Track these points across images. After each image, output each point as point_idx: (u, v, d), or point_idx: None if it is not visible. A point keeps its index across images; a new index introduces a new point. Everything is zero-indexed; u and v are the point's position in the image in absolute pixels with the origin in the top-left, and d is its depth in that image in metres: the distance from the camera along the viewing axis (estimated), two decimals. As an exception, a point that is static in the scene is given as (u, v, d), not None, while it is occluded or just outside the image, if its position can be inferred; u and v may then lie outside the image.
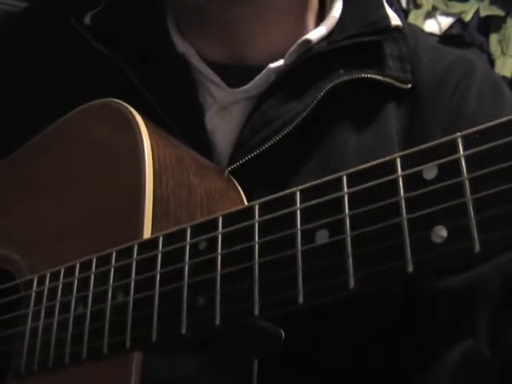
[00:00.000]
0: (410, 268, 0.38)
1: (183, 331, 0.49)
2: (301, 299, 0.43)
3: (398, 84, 0.72)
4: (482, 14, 2.72)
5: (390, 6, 0.77)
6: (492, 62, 2.67)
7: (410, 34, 0.76)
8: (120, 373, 0.54)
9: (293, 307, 0.44)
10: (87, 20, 0.76)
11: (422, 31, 0.84)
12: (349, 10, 0.75)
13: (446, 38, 2.71)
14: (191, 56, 0.74)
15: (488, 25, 2.73)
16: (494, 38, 2.69)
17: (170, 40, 0.75)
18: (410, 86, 0.73)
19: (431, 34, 2.69)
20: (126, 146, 0.63)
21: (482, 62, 0.82)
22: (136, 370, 0.52)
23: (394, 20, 0.74)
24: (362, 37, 0.72)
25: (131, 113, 0.64)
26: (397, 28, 0.74)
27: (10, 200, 0.74)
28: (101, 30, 0.75)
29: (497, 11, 2.71)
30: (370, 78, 0.71)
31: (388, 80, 0.72)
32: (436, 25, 2.75)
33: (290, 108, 0.69)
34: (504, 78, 2.60)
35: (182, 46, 0.74)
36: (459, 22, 2.74)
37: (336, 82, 0.70)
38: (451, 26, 2.75)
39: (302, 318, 0.65)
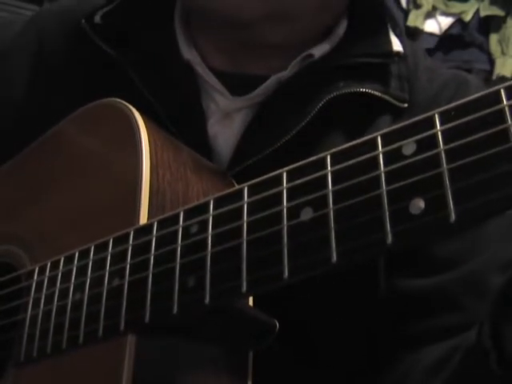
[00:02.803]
0: (389, 239, 0.39)
1: (174, 311, 0.50)
2: (286, 274, 0.43)
3: (395, 102, 0.73)
4: (482, 14, 2.72)
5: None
6: (492, 62, 2.68)
7: (410, 55, 0.77)
8: (112, 367, 0.55)
9: (279, 283, 0.44)
10: (97, 18, 0.77)
11: (422, 50, 0.85)
12: (353, 31, 0.76)
13: (446, 37, 2.72)
14: (196, 64, 0.74)
15: (488, 25, 2.73)
16: (493, 38, 2.69)
17: (177, 46, 0.75)
18: (406, 105, 0.73)
19: (431, 34, 2.70)
20: (124, 141, 0.64)
21: (476, 78, 0.83)
22: (128, 362, 0.53)
23: (396, 46, 0.75)
24: (364, 57, 0.73)
25: (130, 110, 0.65)
26: (398, 53, 0.75)
27: (13, 201, 0.75)
28: (109, 30, 0.76)
29: (497, 11, 2.71)
30: (368, 92, 0.72)
31: (386, 97, 0.72)
32: (436, 25, 2.75)
33: (289, 117, 0.70)
34: (504, 77, 2.60)
35: (187, 52, 0.75)
36: (459, 22, 2.74)
37: (335, 94, 0.70)
38: (451, 26, 2.75)
39: (295, 308, 0.67)
